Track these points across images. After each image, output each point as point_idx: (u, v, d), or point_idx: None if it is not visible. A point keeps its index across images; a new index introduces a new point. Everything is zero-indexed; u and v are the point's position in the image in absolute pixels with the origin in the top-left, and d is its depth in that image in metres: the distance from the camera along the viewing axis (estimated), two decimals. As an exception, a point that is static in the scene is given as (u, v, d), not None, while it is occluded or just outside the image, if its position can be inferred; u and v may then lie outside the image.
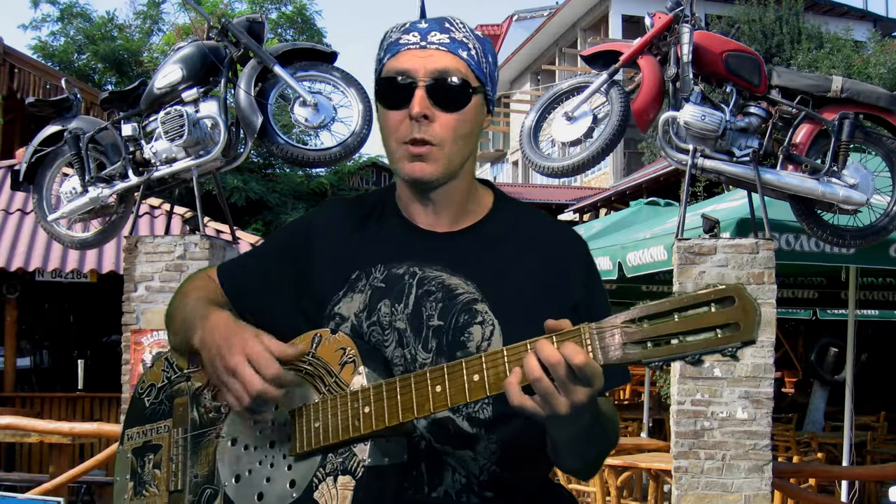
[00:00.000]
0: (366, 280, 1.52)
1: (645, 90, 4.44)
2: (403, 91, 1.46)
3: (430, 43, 1.47)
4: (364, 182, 18.25)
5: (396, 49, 1.49)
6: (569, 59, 28.16)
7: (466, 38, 1.50)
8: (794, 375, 13.11)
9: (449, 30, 1.50)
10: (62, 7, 18.23)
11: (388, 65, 1.49)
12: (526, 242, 1.53)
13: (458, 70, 1.47)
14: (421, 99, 1.45)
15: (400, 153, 1.48)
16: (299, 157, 4.70)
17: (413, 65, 1.46)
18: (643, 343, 1.18)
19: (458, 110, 1.47)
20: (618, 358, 1.19)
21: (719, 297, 1.15)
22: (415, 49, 1.47)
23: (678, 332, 1.16)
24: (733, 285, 1.15)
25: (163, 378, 1.63)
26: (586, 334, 1.21)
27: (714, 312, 1.15)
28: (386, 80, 1.49)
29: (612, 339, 1.20)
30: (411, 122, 1.46)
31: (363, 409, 1.34)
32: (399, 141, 1.48)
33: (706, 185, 11.04)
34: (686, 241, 4.42)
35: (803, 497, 5.25)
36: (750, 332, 1.13)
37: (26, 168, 5.20)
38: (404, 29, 1.51)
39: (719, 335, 1.14)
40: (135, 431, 1.65)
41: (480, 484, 1.44)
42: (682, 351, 1.16)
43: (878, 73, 13.93)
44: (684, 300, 1.17)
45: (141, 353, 4.82)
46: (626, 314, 1.20)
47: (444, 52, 1.47)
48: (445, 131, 1.47)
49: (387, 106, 1.49)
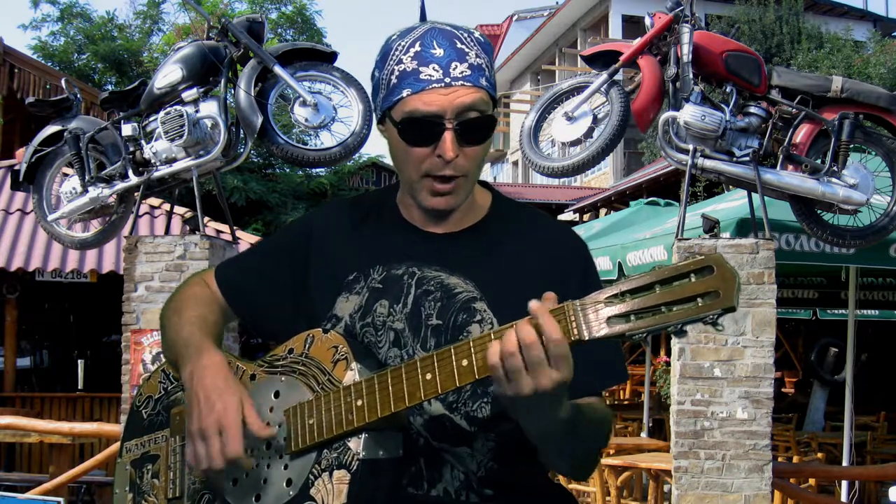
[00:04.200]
0: (364, 281, 1.53)
1: (645, 90, 4.44)
2: (430, 131, 1.44)
3: (454, 79, 1.43)
4: (364, 182, 18.24)
5: (419, 86, 1.44)
6: (569, 59, 28.16)
7: (479, 56, 1.47)
8: (794, 375, 13.11)
9: (464, 54, 1.45)
10: (62, 7, 18.22)
11: (410, 102, 1.44)
12: (524, 242, 1.54)
13: (483, 102, 1.46)
14: (451, 141, 1.44)
15: (422, 185, 1.48)
16: (299, 157, 4.70)
17: (439, 105, 1.43)
18: (627, 316, 1.19)
19: (483, 142, 1.49)
20: (603, 332, 1.20)
21: (699, 268, 1.16)
22: (439, 87, 1.43)
23: (660, 304, 1.17)
24: (712, 255, 1.17)
25: (160, 389, 1.65)
26: (570, 311, 1.22)
27: (694, 282, 1.16)
28: (411, 121, 1.45)
29: (595, 314, 1.21)
30: (438, 159, 1.45)
31: (356, 403, 1.34)
32: (423, 172, 1.47)
33: (706, 185, 11.05)
34: (686, 241, 4.42)
35: (803, 497, 5.25)
36: (730, 299, 1.14)
37: (26, 168, 5.20)
38: (418, 56, 1.44)
39: (700, 304, 1.16)
40: (133, 444, 1.66)
41: (479, 481, 1.45)
42: (665, 321, 1.17)
43: (878, 73, 13.94)
44: (665, 272, 1.18)
45: (141, 353, 4.82)
46: (609, 289, 1.21)
47: (468, 88, 1.44)
48: (471, 163, 1.48)
49: (413, 144, 1.46)
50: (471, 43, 1.48)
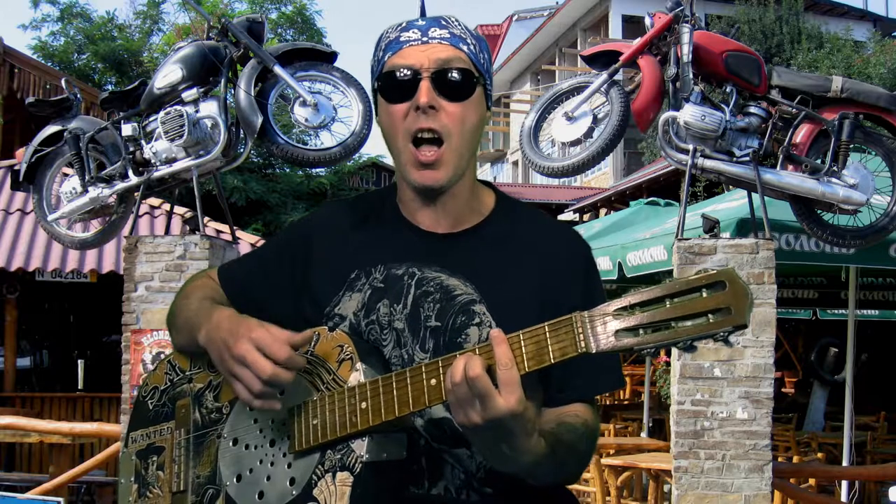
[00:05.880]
0: (365, 280, 1.52)
1: (645, 90, 4.44)
2: (408, 84, 1.46)
3: (431, 38, 1.49)
4: (364, 182, 18.24)
5: (398, 46, 1.49)
6: (569, 59, 28.15)
7: (464, 34, 1.52)
8: (794, 375, 13.11)
9: (447, 26, 1.51)
10: (62, 7, 18.21)
11: (389, 61, 1.49)
12: (526, 244, 1.53)
13: (461, 59, 1.49)
14: (427, 90, 1.45)
15: (407, 156, 1.48)
16: (299, 157, 4.70)
17: (416, 58, 1.47)
18: (635, 330, 1.17)
19: (464, 99, 1.48)
20: (610, 345, 1.19)
21: (711, 282, 1.15)
22: (417, 44, 1.48)
23: (670, 319, 1.15)
24: (724, 270, 1.15)
25: (165, 380, 1.64)
26: (578, 323, 1.21)
27: (706, 297, 1.14)
28: (389, 75, 1.49)
29: (603, 327, 1.19)
30: (417, 112, 1.46)
31: (360, 405, 1.34)
32: (406, 135, 1.47)
33: (706, 185, 11.04)
34: (686, 241, 4.42)
35: (803, 497, 5.26)
36: (742, 316, 1.13)
37: (26, 168, 5.20)
38: (402, 28, 1.52)
39: (711, 320, 1.14)
40: (139, 434, 1.66)
41: (479, 480, 1.45)
42: (674, 337, 1.15)
43: (878, 73, 13.94)
44: (676, 286, 1.16)
45: (141, 353, 4.81)
46: (618, 301, 1.19)
47: (445, 45, 1.48)
48: (453, 122, 1.47)
49: (391, 100, 1.49)
50: (457, 24, 1.53)
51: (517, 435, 1.24)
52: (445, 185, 1.48)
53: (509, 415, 1.21)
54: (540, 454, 1.29)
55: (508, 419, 1.21)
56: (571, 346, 1.20)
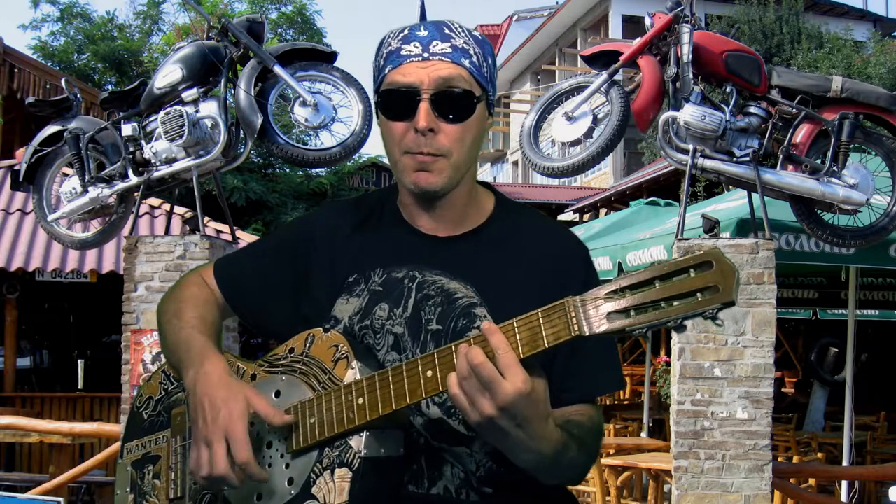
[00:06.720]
0: (364, 284, 1.52)
1: (645, 90, 4.44)
2: (407, 103, 1.44)
3: (432, 54, 1.45)
4: (364, 182, 18.25)
5: (398, 61, 1.46)
6: (569, 59, 28.16)
7: (467, 44, 1.48)
8: (794, 375, 13.11)
9: (449, 37, 1.47)
10: (62, 7, 18.22)
11: (389, 76, 1.47)
12: (526, 247, 1.53)
13: (462, 79, 1.46)
14: (426, 112, 1.43)
15: (404, 163, 1.47)
16: (299, 157, 4.70)
17: (416, 77, 1.44)
18: (627, 312, 1.19)
19: (463, 121, 1.46)
20: (604, 328, 1.20)
21: (698, 263, 1.17)
22: (417, 61, 1.45)
23: (661, 299, 1.18)
24: (711, 250, 1.17)
25: (160, 390, 1.65)
26: (570, 307, 1.22)
27: (694, 277, 1.16)
28: (388, 93, 1.47)
29: (596, 310, 1.20)
30: (416, 134, 1.44)
31: (357, 401, 1.34)
32: (403, 151, 1.46)
33: (706, 185, 11.05)
34: (686, 241, 4.42)
35: (803, 497, 5.26)
36: (729, 293, 1.15)
37: (26, 168, 5.20)
38: (404, 37, 1.48)
39: (700, 298, 1.16)
40: (134, 444, 1.66)
41: (478, 479, 1.45)
42: (665, 317, 1.17)
43: (878, 73, 13.95)
44: (664, 268, 1.18)
45: (141, 353, 4.82)
46: (609, 285, 1.21)
47: (447, 63, 1.45)
48: (451, 142, 1.46)
49: (390, 118, 1.47)
50: (460, 32, 1.49)
51: (531, 419, 1.24)
52: (442, 190, 1.48)
53: (518, 395, 1.21)
54: (557, 441, 1.29)
55: (519, 400, 1.21)
56: (565, 330, 1.22)
